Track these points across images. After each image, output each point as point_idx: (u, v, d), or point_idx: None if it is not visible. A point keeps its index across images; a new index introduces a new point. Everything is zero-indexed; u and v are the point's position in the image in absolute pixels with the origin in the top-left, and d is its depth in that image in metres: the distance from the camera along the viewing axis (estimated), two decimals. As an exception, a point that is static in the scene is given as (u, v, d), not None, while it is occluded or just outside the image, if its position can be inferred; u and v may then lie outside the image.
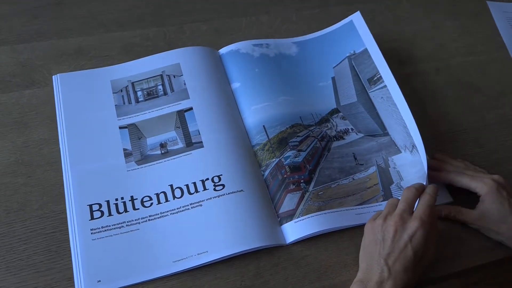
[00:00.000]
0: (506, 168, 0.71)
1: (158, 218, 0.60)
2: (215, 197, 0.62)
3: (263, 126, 0.70)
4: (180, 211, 0.61)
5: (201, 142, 0.66)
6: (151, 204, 0.62)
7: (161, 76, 0.74)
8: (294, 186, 0.64)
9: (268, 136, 0.69)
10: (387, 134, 0.71)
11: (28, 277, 0.55)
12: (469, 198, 0.64)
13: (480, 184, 0.61)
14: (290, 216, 0.62)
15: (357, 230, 0.62)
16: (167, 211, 0.61)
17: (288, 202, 0.63)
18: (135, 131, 0.68)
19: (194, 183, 0.63)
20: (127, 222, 0.60)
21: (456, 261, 0.61)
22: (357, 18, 0.80)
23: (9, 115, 0.69)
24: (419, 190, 0.59)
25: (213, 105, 0.71)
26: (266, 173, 0.66)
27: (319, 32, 0.84)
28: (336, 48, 0.81)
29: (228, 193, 0.62)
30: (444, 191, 0.65)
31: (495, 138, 0.75)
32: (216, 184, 0.63)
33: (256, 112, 0.71)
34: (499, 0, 0.96)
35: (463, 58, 0.86)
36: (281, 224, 0.62)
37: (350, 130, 0.72)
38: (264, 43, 0.80)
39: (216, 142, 0.67)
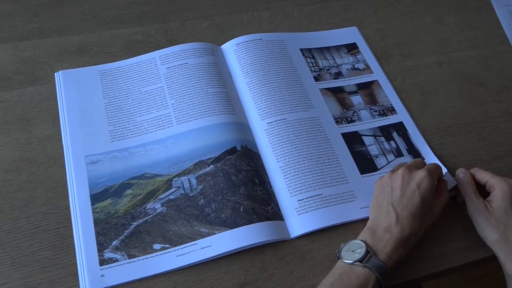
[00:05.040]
0: (509, 161, 0.71)
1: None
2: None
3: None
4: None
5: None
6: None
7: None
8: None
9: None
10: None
11: (33, 273, 0.55)
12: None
13: (502, 179, 0.60)
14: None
15: (361, 224, 0.62)
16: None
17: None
18: (138, 127, 0.68)
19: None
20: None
21: (461, 255, 0.61)
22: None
23: (12, 112, 0.69)
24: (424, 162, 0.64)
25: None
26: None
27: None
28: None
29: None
30: (448, 175, 0.66)
31: (498, 131, 0.74)
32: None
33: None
34: (500, -6, 0.96)
35: (465, 52, 0.86)
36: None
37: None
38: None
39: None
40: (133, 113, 0.70)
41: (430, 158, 0.69)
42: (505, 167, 0.70)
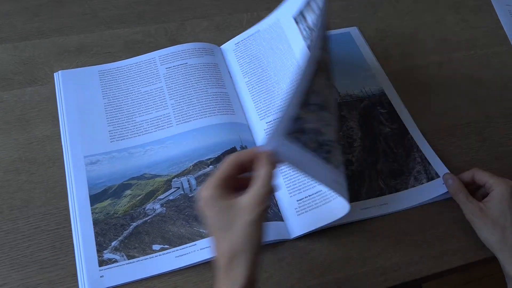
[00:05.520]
0: (509, 161, 0.71)
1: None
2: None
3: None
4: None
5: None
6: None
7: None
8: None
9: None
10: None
11: (32, 274, 0.55)
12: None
13: (501, 180, 0.60)
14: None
15: (362, 224, 0.62)
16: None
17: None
18: (137, 128, 0.68)
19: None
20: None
21: (461, 255, 0.61)
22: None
23: (11, 112, 0.69)
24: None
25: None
26: None
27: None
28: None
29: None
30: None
31: (498, 131, 0.74)
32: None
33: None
34: (501, -6, 0.96)
35: (466, 52, 0.86)
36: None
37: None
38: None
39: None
40: (133, 113, 0.70)
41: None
42: (506, 167, 0.70)
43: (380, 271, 0.59)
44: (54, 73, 0.73)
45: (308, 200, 0.62)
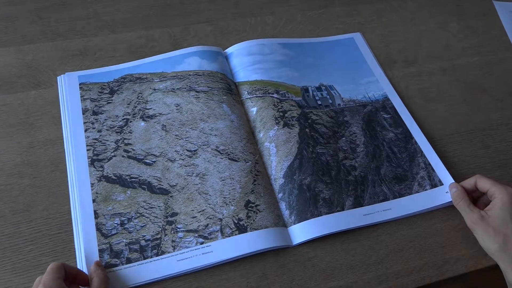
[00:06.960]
0: (512, 169, 0.71)
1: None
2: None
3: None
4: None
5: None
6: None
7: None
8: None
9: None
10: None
11: (34, 278, 0.54)
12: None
13: (502, 188, 0.59)
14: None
15: (364, 231, 0.62)
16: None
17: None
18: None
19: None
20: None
21: (461, 263, 0.61)
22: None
23: (15, 115, 0.69)
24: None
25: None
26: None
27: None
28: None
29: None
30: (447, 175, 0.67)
31: (501, 139, 0.74)
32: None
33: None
34: (505, 0, 0.96)
35: (470, 58, 0.86)
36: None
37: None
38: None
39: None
40: (136, 117, 0.70)
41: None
42: (508, 175, 0.69)
43: (382, 278, 0.58)
44: (58, 77, 0.73)
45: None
